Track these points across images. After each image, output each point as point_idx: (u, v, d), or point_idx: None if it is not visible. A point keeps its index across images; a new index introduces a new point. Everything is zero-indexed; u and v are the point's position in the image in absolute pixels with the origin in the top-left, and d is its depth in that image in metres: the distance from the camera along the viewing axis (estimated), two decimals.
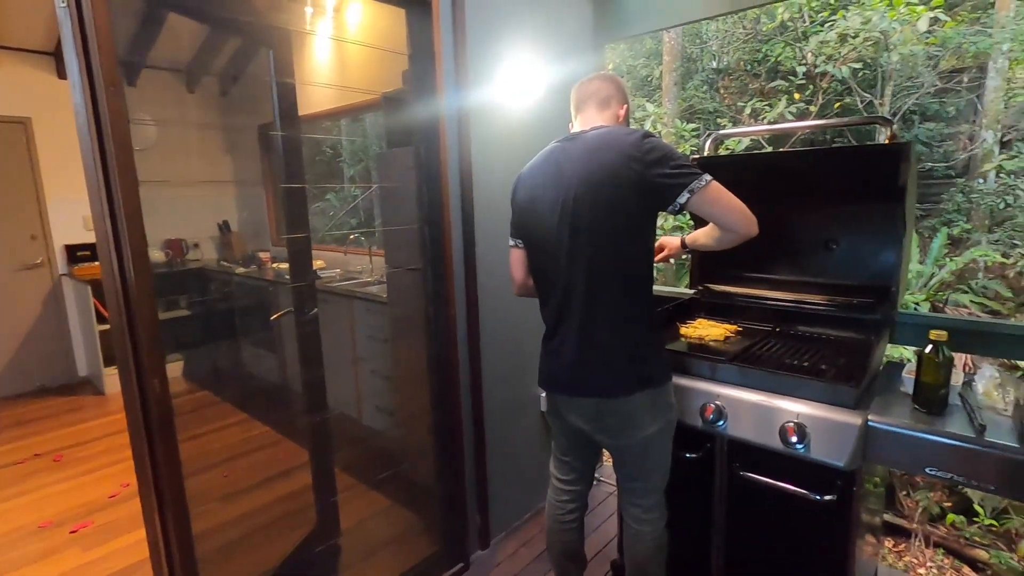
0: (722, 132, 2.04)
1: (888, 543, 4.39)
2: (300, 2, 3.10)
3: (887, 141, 1.65)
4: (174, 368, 3.84)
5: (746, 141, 4.60)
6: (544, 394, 1.58)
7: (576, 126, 1.49)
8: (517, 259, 1.55)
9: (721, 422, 1.51)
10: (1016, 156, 6.87)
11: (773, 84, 6.00)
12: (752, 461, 1.51)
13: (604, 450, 1.67)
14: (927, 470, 1.25)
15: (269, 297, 3.74)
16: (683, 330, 1.92)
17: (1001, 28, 6.15)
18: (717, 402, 1.52)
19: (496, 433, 2.19)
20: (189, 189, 4.52)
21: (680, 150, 1.96)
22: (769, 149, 5.93)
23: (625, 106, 1.49)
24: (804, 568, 1.49)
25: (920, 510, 4.35)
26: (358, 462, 2.56)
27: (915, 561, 4.21)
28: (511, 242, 1.55)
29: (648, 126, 5.10)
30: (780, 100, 4.97)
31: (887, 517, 4.48)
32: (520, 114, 2.15)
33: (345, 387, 3.09)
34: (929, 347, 1.33)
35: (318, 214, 5.90)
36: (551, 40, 2.24)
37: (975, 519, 4.27)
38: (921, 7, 4.58)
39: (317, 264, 3.84)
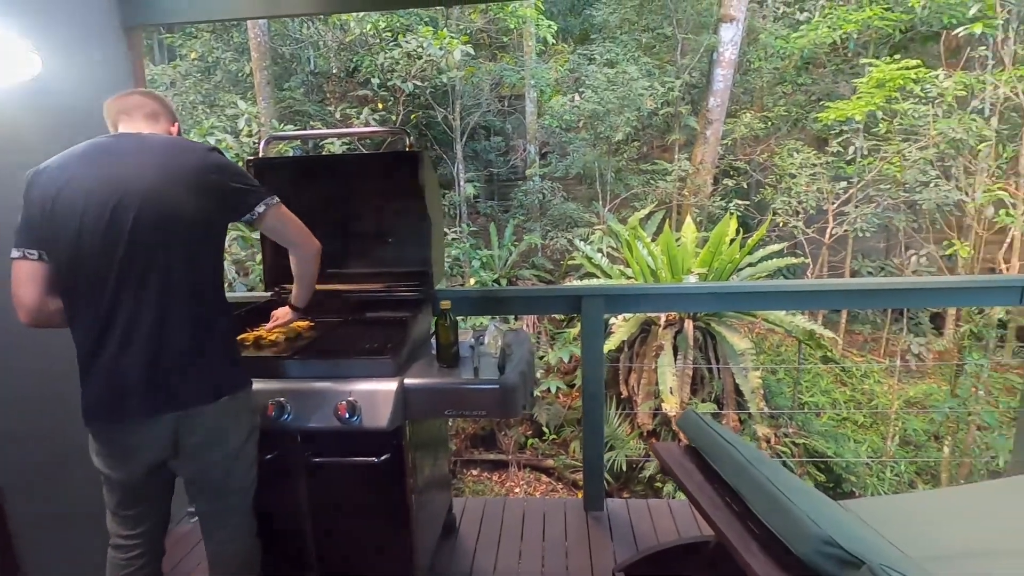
0: (275, 135, 2.08)
1: (494, 476, 5.44)
2: None
3: (408, 149, 1.97)
4: None
5: (339, 147, 4.85)
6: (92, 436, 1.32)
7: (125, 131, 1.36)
8: (33, 275, 1.24)
9: (285, 416, 1.55)
10: (548, 165, 9.25)
11: (362, 92, 6.48)
12: (324, 446, 1.61)
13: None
14: (446, 412, 1.57)
15: None
16: (254, 333, 1.88)
17: (526, 68, 8.15)
18: (279, 398, 1.55)
19: (31, 509, 1.72)
20: None
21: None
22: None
23: (176, 124, 1.46)
24: (379, 523, 1.68)
25: (512, 443, 5.53)
26: None
27: (513, 483, 5.34)
28: (20, 253, 1.23)
29: (241, 124, 4.80)
30: (364, 108, 5.42)
31: (491, 456, 5.54)
32: (14, 95, 1.70)
33: None
34: (440, 314, 1.67)
35: None
36: (45, 8, 1.84)
37: (544, 438, 5.69)
38: (456, 41, 5.69)
39: None
